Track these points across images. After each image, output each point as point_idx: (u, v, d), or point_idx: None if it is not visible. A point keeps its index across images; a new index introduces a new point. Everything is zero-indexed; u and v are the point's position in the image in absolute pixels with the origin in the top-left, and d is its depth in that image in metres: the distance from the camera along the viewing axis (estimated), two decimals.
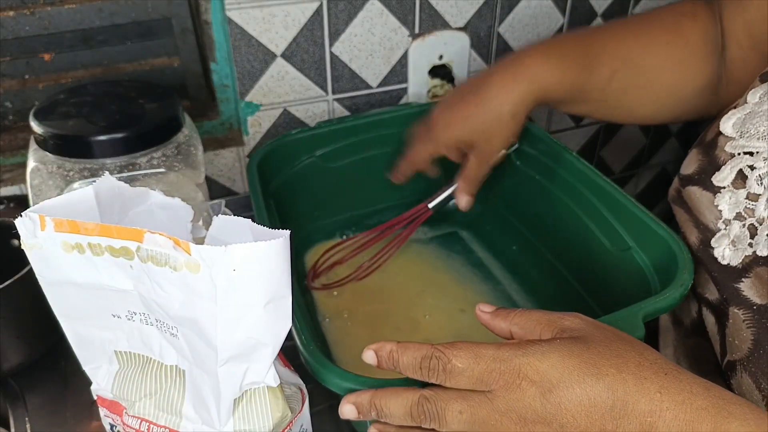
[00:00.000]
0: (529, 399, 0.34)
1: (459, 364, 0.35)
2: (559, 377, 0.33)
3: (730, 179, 0.47)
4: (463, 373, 0.35)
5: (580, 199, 0.59)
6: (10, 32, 0.65)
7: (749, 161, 0.46)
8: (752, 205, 0.46)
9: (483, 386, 0.35)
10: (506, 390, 0.34)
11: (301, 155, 0.67)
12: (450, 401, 0.35)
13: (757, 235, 0.45)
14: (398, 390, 0.37)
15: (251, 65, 0.72)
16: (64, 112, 0.52)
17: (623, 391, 0.33)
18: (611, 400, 0.33)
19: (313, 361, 0.40)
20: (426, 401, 0.36)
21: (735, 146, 0.47)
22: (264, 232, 0.33)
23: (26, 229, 0.33)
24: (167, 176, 0.53)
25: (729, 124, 0.48)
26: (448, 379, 0.36)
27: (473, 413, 0.35)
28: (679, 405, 0.33)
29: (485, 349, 0.35)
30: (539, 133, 0.65)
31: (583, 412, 0.33)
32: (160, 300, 0.34)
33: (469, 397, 0.35)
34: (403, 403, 0.36)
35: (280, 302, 0.33)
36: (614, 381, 0.33)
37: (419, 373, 0.36)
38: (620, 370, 0.34)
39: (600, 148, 1.03)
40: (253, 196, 0.57)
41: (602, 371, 0.33)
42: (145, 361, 0.39)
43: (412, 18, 0.76)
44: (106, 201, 0.36)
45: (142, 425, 0.39)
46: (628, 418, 0.33)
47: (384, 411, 0.37)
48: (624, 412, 0.33)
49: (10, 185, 0.69)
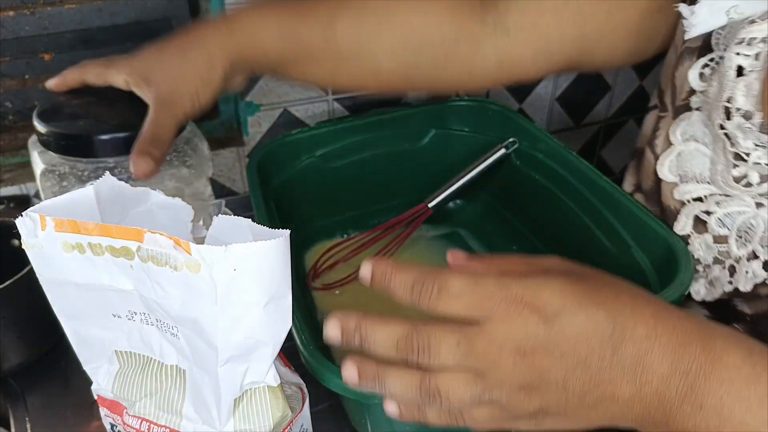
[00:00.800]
0: (532, 327, 0.32)
1: (456, 285, 0.33)
2: (561, 304, 0.32)
3: (690, 227, 0.48)
4: (459, 297, 0.33)
5: (580, 198, 0.59)
6: (10, 32, 0.65)
7: (702, 207, 0.47)
8: (724, 247, 0.46)
9: (480, 313, 0.33)
10: (506, 318, 0.32)
11: (301, 155, 0.67)
12: (446, 333, 0.33)
13: (737, 273, 0.46)
14: (388, 318, 0.34)
15: None
16: (70, 112, 0.52)
17: (622, 317, 0.33)
18: (611, 326, 0.32)
19: (313, 361, 0.40)
20: (417, 333, 0.33)
21: (682, 192, 0.48)
22: (264, 232, 0.33)
23: (26, 229, 0.34)
24: (180, 171, 0.53)
25: (665, 170, 0.49)
26: (443, 301, 0.33)
27: (470, 346, 0.33)
28: (671, 329, 0.33)
29: (484, 275, 0.33)
30: (539, 133, 0.65)
31: (584, 340, 0.32)
32: (160, 300, 0.34)
33: (464, 328, 0.33)
34: (392, 331, 0.34)
35: (280, 302, 0.33)
36: (613, 308, 0.33)
37: (410, 294, 0.34)
38: (617, 298, 0.33)
39: (600, 148, 1.03)
40: (253, 196, 0.58)
41: (601, 299, 0.33)
42: (146, 361, 0.39)
43: None
44: (107, 201, 0.36)
45: (142, 425, 0.39)
46: (626, 344, 0.32)
47: (368, 338, 0.34)
48: (622, 339, 0.32)
49: (10, 185, 0.69)
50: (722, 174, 0.44)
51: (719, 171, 0.45)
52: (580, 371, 0.32)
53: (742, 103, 0.41)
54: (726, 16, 0.41)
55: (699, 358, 0.32)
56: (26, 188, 0.71)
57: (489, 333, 0.32)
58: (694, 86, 0.46)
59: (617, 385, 0.33)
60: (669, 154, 0.48)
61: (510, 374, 0.33)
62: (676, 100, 0.49)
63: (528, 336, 0.32)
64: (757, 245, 0.45)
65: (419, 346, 0.33)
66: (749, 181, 0.43)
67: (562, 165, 0.62)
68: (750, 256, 0.45)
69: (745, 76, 0.41)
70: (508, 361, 0.32)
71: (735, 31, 0.42)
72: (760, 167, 0.42)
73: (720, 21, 0.41)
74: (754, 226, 0.44)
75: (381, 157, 0.69)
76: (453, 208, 0.67)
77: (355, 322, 0.34)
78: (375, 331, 0.34)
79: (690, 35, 0.42)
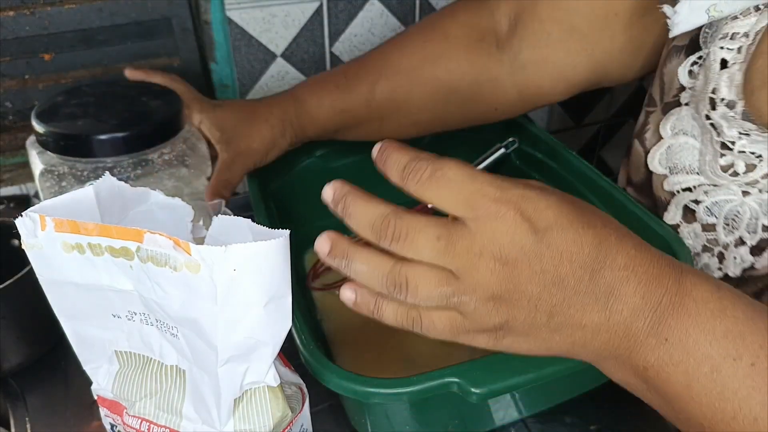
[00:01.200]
0: (520, 235, 0.31)
1: (451, 172, 0.31)
2: (555, 218, 0.31)
3: (679, 216, 0.49)
4: (451, 186, 0.31)
5: (579, 197, 0.59)
6: (10, 32, 0.65)
7: (691, 197, 0.48)
8: (712, 235, 0.47)
9: (468, 210, 0.31)
10: (494, 219, 0.31)
11: (300, 156, 0.67)
12: (428, 224, 0.31)
13: (725, 260, 0.47)
14: (373, 197, 0.33)
15: (251, 65, 0.72)
16: (69, 113, 0.52)
17: (606, 243, 0.32)
18: (596, 250, 0.32)
19: (314, 361, 0.40)
20: (396, 217, 0.32)
21: (672, 183, 0.49)
22: (264, 232, 0.33)
23: (26, 229, 0.34)
24: (179, 171, 0.53)
25: (656, 162, 0.50)
26: (433, 187, 0.32)
27: (450, 242, 0.31)
28: (649, 262, 0.33)
29: (481, 172, 0.32)
30: (539, 133, 0.65)
31: (567, 258, 0.31)
32: (160, 300, 0.34)
33: (447, 223, 0.31)
34: (371, 210, 0.32)
35: (280, 302, 0.33)
36: (601, 232, 0.32)
37: (400, 174, 0.32)
38: (605, 224, 0.33)
39: (600, 148, 1.03)
40: (252, 198, 0.58)
41: (592, 222, 0.32)
42: (146, 361, 0.39)
43: (412, 18, 0.76)
44: (106, 201, 0.36)
45: (142, 425, 0.39)
46: (605, 271, 0.32)
47: (348, 210, 0.33)
48: (603, 264, 0.32)
49: (10, 185, 0.69)
50: (710, 164, 0.46)
51: (707, 161, 0.46)
52: (555, 290, 0.32)
53: (725, 93, 0.42)
54: (706, 15, 0.42)
55: (670, 290, 0.33)
56: (26, 188, 0.71)
57: (473, 233, 0.31)
58: (683, 83, 0.48)
59: (587, 310, 0.32)
60: (659, 147, 0.50)
61: (485, 281, 0.31)
62: (665, 96, 0.51)
63: (513, 244, 0.31)
64: (744, 231, 0.46)
65: (396, 231, 0.32)
66: (736, 170, 0.44)
67: (562, 165, 0.62)
68: (737, 242, 0.46)
69: (728, 68, 0.42)
70: (487, 266, 0.31)
71: (719, 28, 0.43)
72: (745, 156, 0.43)
73: (701, 19, 0.43)
74: (740, 214, 0.45)
75: None
76: None
77: (344, 191, 0.33)
78: (356, 205, 0.33)
79: (673, 33, 0.44)
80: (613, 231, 0.33)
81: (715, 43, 0.43)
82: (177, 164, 0.53)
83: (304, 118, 0.59)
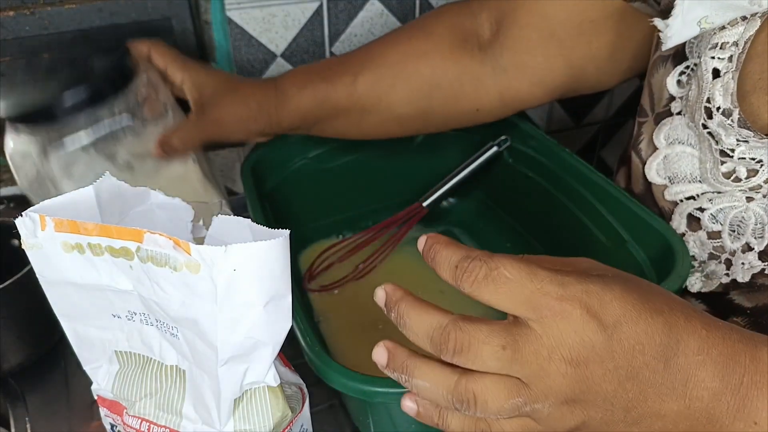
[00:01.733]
0: (589, 333, 0.29)
1: (508, 272, 0.29)
2: (622, 311, 0.30)
3: (684, 225, 0.49)
4: (509, 285, 0.29)
5: (574, 194, 0.60)
6: (10, 32, 0.64)
7: (695, 205, 0.48)
8: (718, 242, 0.47)
9: (530, 311, 0.29)
10: (560, 319, 0.29)
11: (294, 157, 0.67)
12: (491, 333, 0.30)
13: (733, 266, 0.47)
14: (429, 305, 0.31)
15: (251, 65, 0.72)
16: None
17: (676, 328, 0.30)
18: (667, 338, 0.30)
19: (319, 362, 0.40)
20: (456, 328, 0.30)
21: (673, 193, 0.49)
22: (264, 232, 0.33)
23: (26, 229, 0.34)
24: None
25: (653, 173, 0.50)
26: (490, 287, 0.30)
27: (517, 350, 0.29)
28: (721, 341, 0.31)
29: (540, 268, 0.30)
30: (531, 131, 0.65)
31: (639, 351, 0.30)
32: (160, 300, 0.34)
33: (511, 328, 0.30)
34: (427, 321, 0.31)
35: (280, 302, 0.33)
36: (669, 318, 0.30)
37: (453, 272, 0.31)
38: (671, 307, 0.31)
39: (600, 148, 1.03)
40: (248, 199, 0.58)
41: (658, 307, 0.30)
42: (146, 361, 0.39)
43: (412, 18, 0.76)
44: (106, 201, 0.36)
45: (142, 425, 0.39)
46: (678, 357, 0.30)
47: (403, 320, 0.32)
48: (676, 351, 0.30)
49: (10, 185, 0.69)
50: (712, 171, 0.46)
51: (709, 169, 0.46)
52: (630, 385, 0.30)
53: (720, 102, 0.42)
54: (698, 27, 0.42)
55: (749, 369, 0.31)
56: None
57: (539, 336, 0.29)
58: (672, 93, 0.48)
59: (665, 400, 0.31)
60: (655, 157, 0.50)
61: (556, 385, 0.30)
62: (656, 106, 0.51)
63: (583, 344, 0.29)
64: (750, 237, 0.45)
65: (458, 344, 0.30)
66: (738, 176, 0.44)
67: (555, 161, 0.62)
68: (744, 248, 0.46)
69: (720, 77, 0.43)
70: (557, 370, 0.30)
71: (707, 38, 0.43)
72: (745, 162, 0.43)
73: (693, 32, 0.43)
74: (745, 219, 0.45)
75: (374, 158, 0.69)
76: (447, 206, 0.67)
77: (397, 298, 0.32)
78: (410, 315, 0.32)
79: (666, 47, 0.44)
80: (680, 313, 0.31)
81: (705, 53, 0.43)
82: (132, 119, 0.53)
83: (282, 108, 0.59)
